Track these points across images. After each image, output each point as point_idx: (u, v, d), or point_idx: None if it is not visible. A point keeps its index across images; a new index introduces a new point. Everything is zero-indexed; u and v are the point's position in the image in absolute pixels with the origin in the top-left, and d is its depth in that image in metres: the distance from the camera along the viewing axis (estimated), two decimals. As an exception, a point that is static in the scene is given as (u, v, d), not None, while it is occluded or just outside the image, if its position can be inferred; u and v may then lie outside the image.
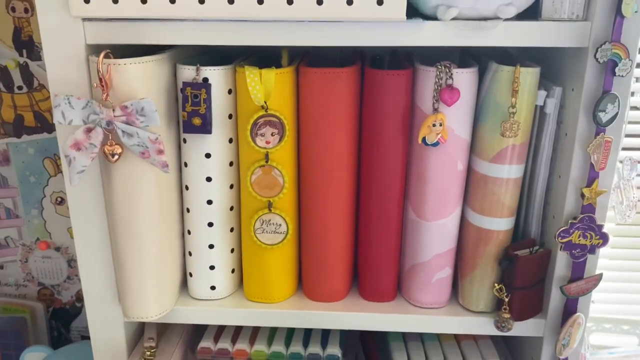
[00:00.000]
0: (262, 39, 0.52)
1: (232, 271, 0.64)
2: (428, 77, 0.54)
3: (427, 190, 0.58)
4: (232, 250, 0.63)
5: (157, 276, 0.59)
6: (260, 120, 0.56)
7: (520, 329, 0.60)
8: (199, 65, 0.55)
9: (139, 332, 0.68)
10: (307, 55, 0.61)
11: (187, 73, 0.55)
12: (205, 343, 0.67)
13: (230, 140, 0.59)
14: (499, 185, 0.56)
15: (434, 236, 0.59)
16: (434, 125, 0.54)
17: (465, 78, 0.54)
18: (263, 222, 0.59)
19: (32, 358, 0.81)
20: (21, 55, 0.82)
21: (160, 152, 0.53)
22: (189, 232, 0.62)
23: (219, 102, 0.56)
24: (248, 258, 0.63)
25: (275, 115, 0.56)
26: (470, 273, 0.61)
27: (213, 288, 0.63)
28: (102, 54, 0.50)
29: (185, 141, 0.58)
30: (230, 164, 0.60)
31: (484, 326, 0.61)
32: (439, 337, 0.68)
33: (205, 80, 0.55)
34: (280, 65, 0.58)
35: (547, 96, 0.55)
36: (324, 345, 0.66)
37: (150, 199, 0.56)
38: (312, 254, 0.62)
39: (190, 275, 0.64)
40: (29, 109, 0.84)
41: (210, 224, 0.61)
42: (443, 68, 0.53)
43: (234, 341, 0.67)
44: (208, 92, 0.55)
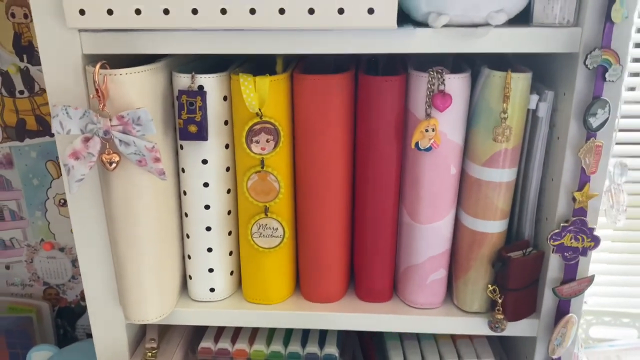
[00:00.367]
0: (255, 48, 0.53)
1: (231, 273, 0.65)
2: (421, 83, 0.55)
3: (421, 194, 0.59)
4: (230, 253, 0.64)
5: (156, 279, 0.60)
6: (255, 127, 0.56)
7: (514, 329, 0.61)
8: (194, 74, 0.56)
9: (141, 333, 0.70)
10: (302, 61, 0.62)
11: (183, 81, 0.56)
12: (206, 343, 0.68)
13: (226, 146, 0.60)
14: (492, 188, 0.57)
15: (428, 239, 0.60)
16: (427, 131, 0.55)
17: (457, 83, 0.54)
18: (260, 226, 0.60)
19: (38, 357, 0.82)
20: (22, 60, 0.83)
21: (157, 160, 0.54)
22: (187, 236, 0.63)
23: (215, 109, 0.57)
24: (246, 261, 0.64)
25: (270, 122, 0.56)
26: (464, 274, 0.61)
27: (212, 290, 0.65)
28: (98, 65, 0.51)
29: (182, 148, 0.59)
30: (227, 169, 0.60)
31: (479, 326, 0.62)
32: (435, 336, 0.69)
33: (201, 87, 0.56)
34: (275, 71, 0.59)
35: (539, 100, 0.56)
36: (322, 345, 0.68)
37: (149, 204, 0.57)
38: (309, 256, 0.63)
39: (190, 277, 0.65)
40: (31, 113, 0.85)
41: (209, 228, 0.62)
42: (435, 74, 0.54)
43: (233, 341, 0.69)
44: (203, 100, 0.56)
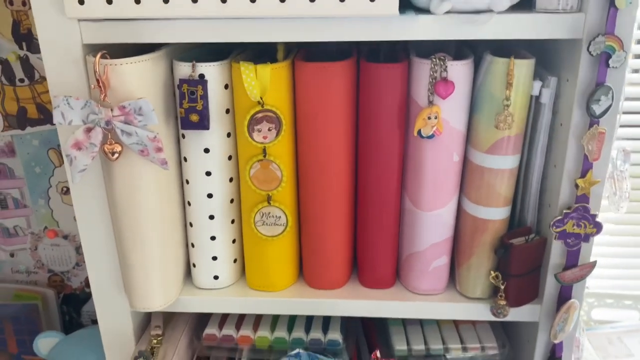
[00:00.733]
0: (255, 36, 0.52)
1: (235, 261, 0.66)
2: (423, 70, 0.54)
3: (423, 181, 0.59)
4: (233, 241, 0.64)
5: (160, 268, 0.61)
6: (257, 115, 0.56)
7: (517, 314, 0.62)
8: (194, 62, 0.55)
9: (146, 320, 0.70)
10: (303, 48, 0.62)
11: (183, 70, 0.56)
12: (210, 330, 0.69)
13: (228, 135, 0.59)
14: (494, 175, 0.57)
15: (431, 226, 0.60)
16: (429, 118, 0.55)
17: (460, 70, 0.54)
18: (263, 214, 0.60)
19: (44, 344, 0.83)
20: (21, 48, 0.82)
21: (159, 149, 0.54)
22: (190, 225, 0.63)
23: (216, 98, 0.57)
24: (249, 249, 0.64)
25: (271, 111, 0.56)
26: (467, 261, 0.62)
27: (216, 278, 0.65)
28: (98, 55, 0.51)
29: (184, 137, 0.59)
30: (229, 157, 0.60)
31: (481, 312, 0.63)
32: (437, 322, 0.70)
33: (202, 76, 0.56)
34: (276, 58, 0.59)
35: (542, 86, 0.55)
36: (325, 331, 0.68)
37: (151, 194, 0.57)
38: (312, 244, 0.64)
39: (194, 265, 0.65)
40: (32, 101, 0.85)
41: (212, 217, 0.62)
42: (437, 61, 0.53)
43: (238, 328, 0.69)
44: (204, 89, 0.56)
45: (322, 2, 0.49)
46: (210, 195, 0.61)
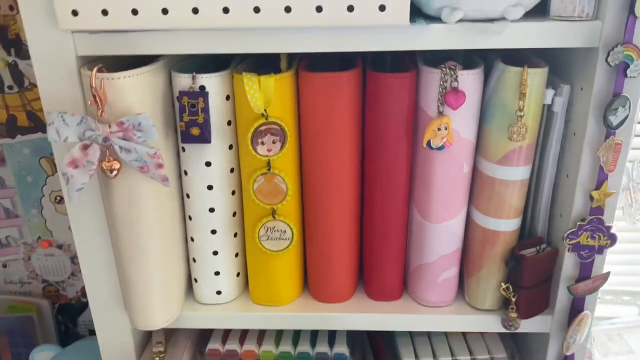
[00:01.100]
0: (259, 47, 0.50)
1: (237, 275, 0.64)
2: (432, 79, 0.53)
3: (432, 193, 0.57)
4: (236, 255, 0.63)
5: (162, 285, 0.59)
6: (261, 128, 0.54)
7: (527, 325, 0.60)
8: (195, 74, 0.53)
9: (147, 335, 0.69)
10: (306, 55, 0.59)
11: (183, 81, 0.53)
12: (213, 345, 0.67)
13: (230, 147, 0.57)
14: (505, 186, 0.56)
15: (440, 238, 0.59)
16: (439, 129, 0.53)
17: (470, 79, 0.52)
18: (267, 229, 0.58)
19: (41, 357, 0.81)
20: (9, 54, 0.79)
21: (160, 166, 0.52)
22: (192, 239, 0.61)
23: (217, 109, 0.55)
24: (253, 263, 0.62)
25: (276, 123, 0.54)
26: (476, 272, 0.60)
27: (219, 293, 0.63)
28: (95, 69, 0.48)
29: (184, 150, 0.57)
30: (231, 170, 0.58)
31: (491, 324, 0.61)
32: (445, 333, 0.69)
33: (202, 88, 0.53)
34: (278, 66, 0.57)
35: (554, 94, 0.54)
36: (332, 344, 0.67)
37: (152, 210, 0.55)
38: (318, 256, 0.62)
39: (196, 280, 0.63)
40: (22, 109, 0.82)
41: (214, 231, 0.60)
42: (448, 70, 0.52)
43: (241, 342, 0.68)
44: (205, 101, 0.53)
45: (330, 12, 0.46)
46: (212, 210, 0.59)
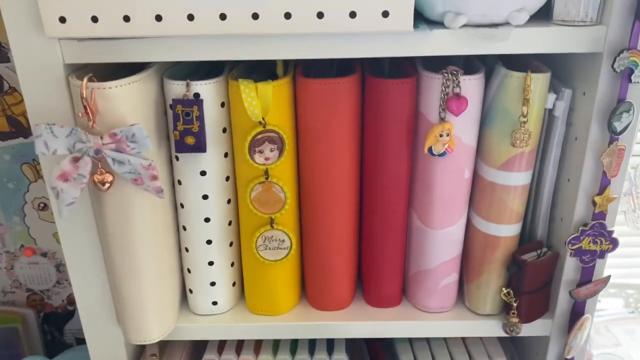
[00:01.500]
0: (257, 54, 0.48)
1: (233, 284, 0.62)
2: (433, 84, 0.51)
3: (433, 199, 0.56)
4: (232, 264, 0.61)
5: (156, 298, 0.57)
6: (258, 136, 0.52)
7: (528, 329, 0.60)
8: (189, 81, 0.51)
9: (141, 348, 0.67)
10: (302, 61, 0.58)
11: (177, 89, 0.51)
12: (209, 355, 0.66)
13: (225, 155, 0.56)
14: (507, 192, 0.55)
15: (441, 244, 0.58)
16: (441, 136, 0.52)
17: (472, 85, 0.51)
18: (265, 238, 0.57)
19: (28, 370, 0.79)
20: (-13, 57, 0.76)
21: (154, 178, 0.50)
22: (187, 250, 0.59)
23: (212, 117, 0.53)
24: (250, 273, 0.61)
25: (274, 131, 0.52)
26: (477, 278, 0.60)
27: (215, 303, 0.62)
28: (85, 79, 0.46)
29: (177, 159, 0.55)
30: (227, 178, 0.57)
31: (491, 328, 0.61)
32: (444, 338, 0.68)
33: (197, 95, 0.52)
34: (272, 70, 0.55)
35: (556, 99, 0.53)
36: (330, 352, 0.66)
37: (145, 223, 0.53)
38: (316, 264, 0.61)
39: (191, 291, 0.61)
40: (2, 114, 0.79)
41: (209, 242, 0.58)
42: (450, 76, 0.50)
43: (238, 352, 0.66)
44: (200, 109, 0.51)
45: (331, 18, 0.45)
46: (207, 220, 0.57)
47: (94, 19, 0.45)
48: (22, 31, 0.47)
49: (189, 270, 0.60)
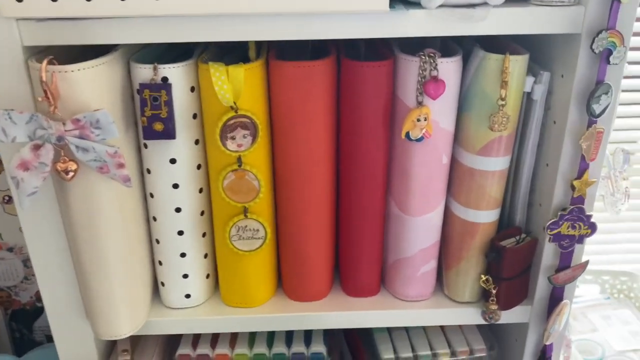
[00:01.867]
0: (227, 35, 0.46)
1: (207, 276, 0.60)
2: (410, 67, 0.50)
3: (411, 186, 0.55)
4: (205, 256, 0.59)
5: (126, 292, 0.55)
6: (230, 122, 0.50)
7: (507, 316, 0.60)
8: (156, 64, 0.49)
9: (112, 344, 0.65)
10: (275, 43, 0.56)
11: (143, 73, 0.49)
12: (184, 350, 0.64)
13: (196, 142, 0.53)
14: (485, 177, 0.54)
15: (419, 231, 0.57)
16: (419, 120, 0.51)
17: (450, 68, 0.50)
18: (239, 228, 0.55)
19: (-5, 369, 0.76)
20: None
21: (121, 165, 0.48)
22: (157, 242, 0.57)
23: (182, 102, 0.51)
24: (224, 264, 0.59)
25: (246, 116, 0.51)
26: (456, 265, 0.59)
27: (188, 296, 0.60)
28: (45, 62, 0.44)
29: (146, 146, 0.53)
30: (198, 167, 0.55)
31: (471, 316, 0.60)
32: (424, 327, 0.67)
33: (165, 80, 0.49)
34: (244, 54, 0.53)
35: (534, 82, 0.52)
36: (308, 344, 0.65)
37: (113, 213, 0.51)
38: (292, 254, 0.59)
39: (163, 284, 0.59)
40: (-39, 103, 0.75)
41: (181, 232, 0.56)
42: (427, 58, 0.49)
43: (213, 346, 0.64)
44: (169, 94, 0.49)
45: (304, -3, 0.43)
46: (178, 210, 0.55)
47: (53, -2, 0.43)
48: (-24, 11, 0.44)
49: (161, 263, 0.58)
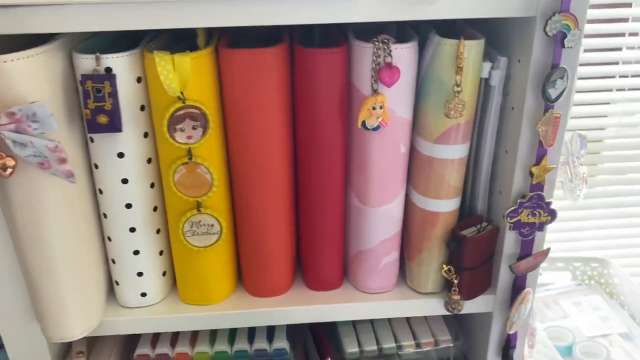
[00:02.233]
0: (171, 22, 0.44)
1: (164, 274, 0.58)
2: (365, 54, 0.49)
3: (369, 176, 0.54)
4: (160, 253, 0.57)
5: (77, 292, 0.53)
6: (178, 112, 0.49)
7: (471, 306, 0.59)
8: (98, 54, 0.47)
9: (67, 346, 0.62)
10: (227, 31, 0.54)
11: (85, 63, 0.47)
12: (142, 350, 0.62)
13: (145, 135, 0.51)
14: (444, 166, 0.53)
15: (379, 222, 0.56)
16: (374, 108, 0.49)
17: (405, 54, 0.49)
18: (193, 224, 0.53)
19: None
20: None
21: (63, 161, 0.45)
22: (109, 239, 0.55)
23: (128, 94, 0.49)
24: (180, 261, 0.57)
25: (195, 107, 0.49)
26: (417, 255, 0.58)
27: (144, 295, 0.58)
28: (-27, 52, 0.41)
29: (92, 140, 0.50)
30: (149, 160, 0.53)
31: (434, 307, 0.59)
32: (389, 319, 0.66)
33: (109, 70, 0.47)
34: (195, 43, 0.51)
35: (491, 67, 0.51)
36: (271, 340, 0.63)
37: (58, 211, 0.49)
38: (251, 249, 0.58)
39: (117, 283, 0.57)
40: None
41: (133, 229, 0.54)
42: (381, 44, 0.48)
43: (173, 345, 0.63)
44: (113, 85, 0.47)
45: (248, -20, 0.41)
46: (129, 206, 0.53)
47: (-20, -17, 0.40)
48: None
49: (114, 261, 0.56)
